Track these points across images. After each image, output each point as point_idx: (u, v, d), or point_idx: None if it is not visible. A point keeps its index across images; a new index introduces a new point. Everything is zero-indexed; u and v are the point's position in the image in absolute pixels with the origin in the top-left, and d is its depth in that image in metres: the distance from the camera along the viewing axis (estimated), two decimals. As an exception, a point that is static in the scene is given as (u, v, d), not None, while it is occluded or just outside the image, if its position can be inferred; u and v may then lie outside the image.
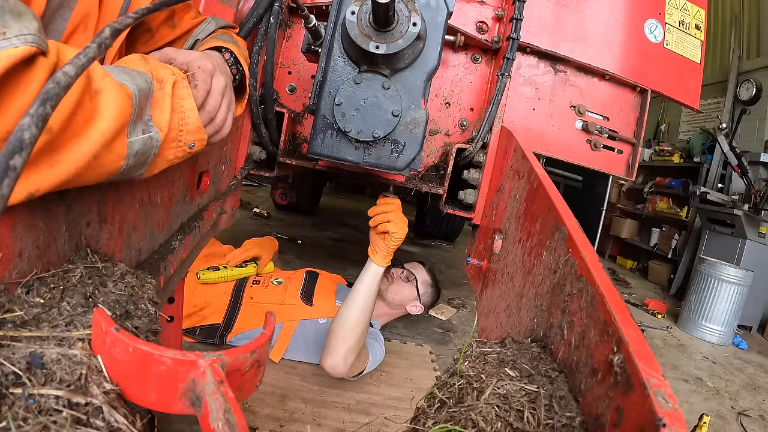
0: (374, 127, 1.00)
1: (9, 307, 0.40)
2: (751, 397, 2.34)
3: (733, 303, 3.19)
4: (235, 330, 1.62)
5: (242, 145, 1.24)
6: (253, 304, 1.68)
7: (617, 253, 5.96)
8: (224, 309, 1.65)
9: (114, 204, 0.61)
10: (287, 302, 1.69)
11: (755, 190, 3.81)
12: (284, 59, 1.41)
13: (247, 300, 1.69)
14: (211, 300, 1.65)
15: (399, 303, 1.81)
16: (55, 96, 0.33)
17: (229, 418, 0.33)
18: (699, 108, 1.62)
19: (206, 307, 1.64)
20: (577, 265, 0.52)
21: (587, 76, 1.48)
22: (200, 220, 0.96)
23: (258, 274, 1.83)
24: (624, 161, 1.54)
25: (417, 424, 0.48)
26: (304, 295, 1.74)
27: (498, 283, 0.92)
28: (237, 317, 1.64)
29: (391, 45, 0.90)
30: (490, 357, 0.51)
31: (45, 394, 0.33)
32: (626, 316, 0.40)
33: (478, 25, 1.37)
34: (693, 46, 1.56)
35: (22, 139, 0.30)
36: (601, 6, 1.44)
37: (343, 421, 1.36)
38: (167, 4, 0.59)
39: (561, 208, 0.64)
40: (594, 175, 1.95)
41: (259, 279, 1.80)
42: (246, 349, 0.41)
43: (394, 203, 1.33)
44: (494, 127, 1.26)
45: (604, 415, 0.38)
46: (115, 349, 0.37)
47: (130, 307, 0.49)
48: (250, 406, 1.33)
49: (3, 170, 0.29)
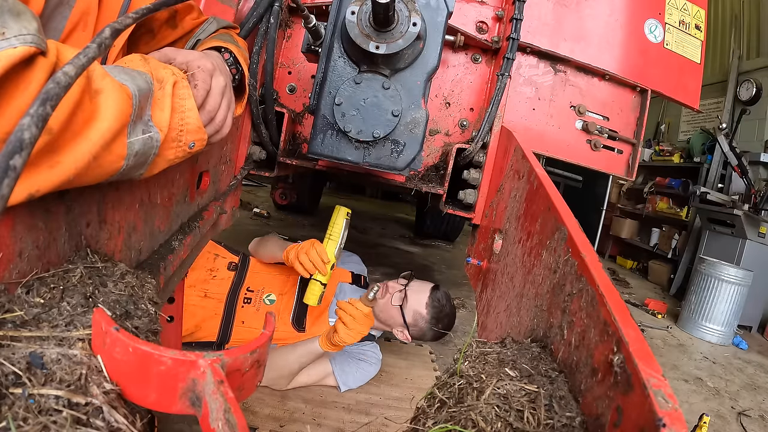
0: (374, 127, 1.00)
1: (9, 307, 0.40)
2: (751, 397, 2.34)
3: (733, 303, 3.19)
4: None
5: (242, 145, 1.24)
6: (244, 328, 1.58)
7: (617, 253, 5.96)
8: (215, 333, 1.56)
9: (114, 204, 0.61)
10: (279, 328, 1.58)
11: (755, 190, 3.81)
12: (284, 59, 1.41)
13: (239, 324, 1.58)
14: (201, 324, 1.56)
15: (384, 322, 1.58)
16: (55, 96, 0.33)
17: (229, 418, 0.33)
18: (699, 108, 1.62)
19: (196, 331, 1.55)
20: (577, 265, 0.52)
21: (587, 76, 1.48)
22: (200, 220, 0.96)
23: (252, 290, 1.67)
24: (624, 161, 1.54)
25: (417, 424, 0.48)
26: (295, 321, 1.62)
27: (498, 283, 0.92)
28: (228, 342, 1.56)
29: (391, 45, 0.90)
30: (490, 357, 0.51)
31: (45, 394, 0.33)
32: (626, 316, 0.40)
33: (478, 25, 1.37)
34: (693, 46, 1.56)
35: (22, 139, 0.30)
36: (601, 6, 1.44)
37: (343, 421, 1.36)
38: (168, 3, 0.59)
39: (561, 208, 0.64)
40: (594, 175, 1.94)
41: (251, 296, 1.65)
42: (246, 349, 0.41)
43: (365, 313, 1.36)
44: (494, 127, 1.26)
45: (604, 415, 0.38)
46: (115, 349, 0.37)
47: (130, 307, 0.49)
48: (250, 406, 1.33)
49: (3, 170, 0.29)
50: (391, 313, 1.54)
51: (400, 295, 1.54)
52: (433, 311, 1.52)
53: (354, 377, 1.54)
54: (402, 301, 1.53)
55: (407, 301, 1.53)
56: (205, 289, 1.59)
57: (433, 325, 1.53)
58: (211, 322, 1.55)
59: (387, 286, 1.57)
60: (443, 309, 1.55)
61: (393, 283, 1.59)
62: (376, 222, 5.23)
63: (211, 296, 1.58)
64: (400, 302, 1.53)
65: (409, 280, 1.60)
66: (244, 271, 1.71)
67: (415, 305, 1.53)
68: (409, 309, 1.52)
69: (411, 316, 1.52)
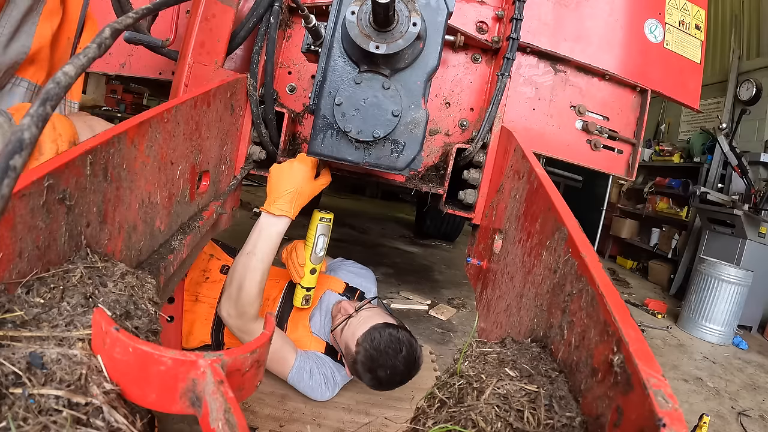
0: (374, 127, 1.00)
1: (9, 307, 0.40)
2: (751, 397, 2.34)
3: (733, 303, 3.19)
4: None
5: (242, 145, 1.24)
6: (234, 341, 1.48)
7: (617, 253, 5.96)
8: (208, 338, 1.50)
9: (114, 204, 0.61)
10: None
11: (755, 190, 3.81)
12: (284, 59, 1.41)
13: (229, 333, 1.48)
14: (192, 329, 1.50)
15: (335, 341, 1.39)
16: (56, 96, 0.33)
17: (229, 418, 0.33)
18: (699, 108, 1.62)
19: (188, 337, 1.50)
20: (577, 265, 0.52)
21: (587, 76, 1.48)
22: (200, 220, 0.96)
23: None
24: (624, 161, 1.54)
25: (417, 424, 0.48)
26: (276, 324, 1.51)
27: (498, 283, 0.92)
28: (224, 347, 1.49)
29: (391, 45, 0.90)
30: (490, 357, 0.51)
31: (45, 394, 0.33)
32: (626, 316, 0.41)
33: (478, 25, 1.37)
34: (693, 46, 1.56)
35: (21, 139, 0.30)
36: (601, 6, 1.44)
37: (342, 422, 1.36)
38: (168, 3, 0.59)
39: (561, 208, 0.64)
40: (594, 175, 1.94)
41: None
42: (246, 349, 0.41)
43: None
44: (494, 127, 1.26)
45: (604, 415, 0.38)
46: (115, 349, 0.37)
47: (130, 307, 0.49)
48: (250, 406, 1.33)
49: (3, 170, 0.29)
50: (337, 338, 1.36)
51: (341, 326, 1.34)
52: (364, 353, 1.24)
53: (304, 383, 1.39)
54: (340, 327, 1.34)
55: (347, 328, 1.33)
56: (197, 292, 1.56)
57: (366, 369, 1.25)
58: (203, 327, 1.52)
59: (341, 306, 1.41)
60: (379, 355, 1.22)
61: (347, 305, 1.40)
62: (376, 222, 5.23)
63: (202, 300, 1.54)
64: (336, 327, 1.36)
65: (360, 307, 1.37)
66: None
67: (348, 336, 1.30)
68: (343, 339, 1.32)
69: (343, 346, 1.32)
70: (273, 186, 1.20)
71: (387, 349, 1.23)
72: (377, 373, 1.24)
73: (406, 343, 1.26)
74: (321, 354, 1.47)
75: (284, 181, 1.19)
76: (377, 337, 1.24)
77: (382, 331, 1.26)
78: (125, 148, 0.62)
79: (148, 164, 0.70)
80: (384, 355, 1.23)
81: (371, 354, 1.23)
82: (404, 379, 1.29)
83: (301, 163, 1.20)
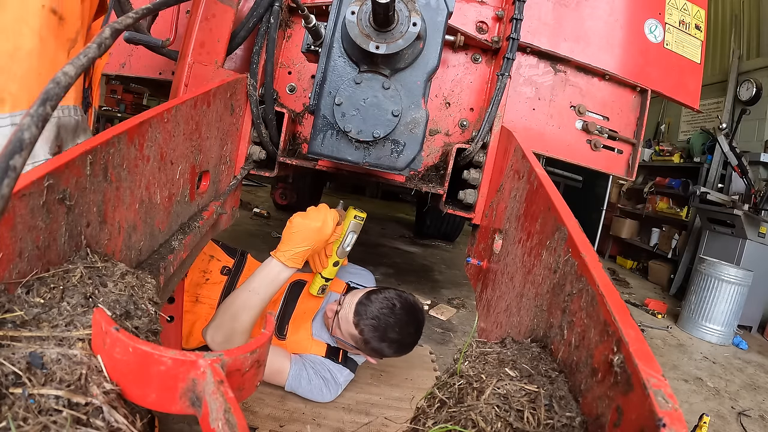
0: (374, 127, 1.00)
1: (9, 307, 0.40)
2: (751, 397, 2.34)
3: (733, 303, 3.19)
4: None
5: (242, 145, 1.24)
6: None
7: (617, 253, 5.96)
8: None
9: (114, 204, 0.61)
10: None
11: (755, 190, 3.81)
12: (284, 59, 1.41)
13: None
14: (193, 330, 1.48)
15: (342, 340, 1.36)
16: (56, 96, 0.33)
17: (229, 418, 0.33)
18: (699, 108, 1.62)
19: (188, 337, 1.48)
20: (577, 265, 0.52)
21: (587, 76, 1.48)
22: (200, 220, 0.96)
23: None
24: (624, 161, 1.54)
25: (417, 424, 0.48)
26: (276, 329, 1.50)
27: (498, 283, 0.92)
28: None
29: (391, 45, 0.91)
30: (490, 357, 0.51)
31: (45, 394, 0.33)
32: (626, 316, 0.41)
33: (478, 25, 1.37)
34: (693, 46, 1.56)
35: (22, 139, 0.30)
36: (601, 6, 1.44)
37: (342, 421, 1.36)
38: (168, 3, 0.59)
39: (561, 208, 0.64)
40: (594, 175, 1.94)
41: None
42: (246, 349, 0.41)
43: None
44: (494, 127, 1.26)
45: (604, 415, 0.38)
46: (115, 349, 0.37)
47: (130, 307, 0.49)
48: (250, 406, 1.33)
49: (3, 170, 0.29)
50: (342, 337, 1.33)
51: (331, 318, 1.33)
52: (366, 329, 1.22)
53: (303, 389, 1.39)
54: (335, 325, 1.31)
55: (341, 321, 1.29)
56: (197, 293, 1.55)
57: (379, 341, 1.21)
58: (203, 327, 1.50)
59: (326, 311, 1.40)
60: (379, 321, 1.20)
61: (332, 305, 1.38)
62: (376, 222, 5.23)
63: (202, 301, 1.54)
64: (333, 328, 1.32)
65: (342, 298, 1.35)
66: (236, 276, 1.67)
67: (345, 327, 1.27)
68: (344, 333, 1.29)
69: (351, 339, 1.28)
70: (292, 237, 1.21)
71: (382, 312, 1.23)
72: (389, 336, 1.22)
73: (395, 297, 1.26)
74: (320, 357, 1.46)
75: (305, 237, 1.21)
76: (368, 307, 1.23)
77: (367, 301, 1.25)
78: (125, 148, 0.62)
79: (148, 164, 0.70)
80: (383, 318, 1.22)
81: (372, 324, 1.22)
82: (418, 326, 1.28)
83: (325, 226, 1.21)
